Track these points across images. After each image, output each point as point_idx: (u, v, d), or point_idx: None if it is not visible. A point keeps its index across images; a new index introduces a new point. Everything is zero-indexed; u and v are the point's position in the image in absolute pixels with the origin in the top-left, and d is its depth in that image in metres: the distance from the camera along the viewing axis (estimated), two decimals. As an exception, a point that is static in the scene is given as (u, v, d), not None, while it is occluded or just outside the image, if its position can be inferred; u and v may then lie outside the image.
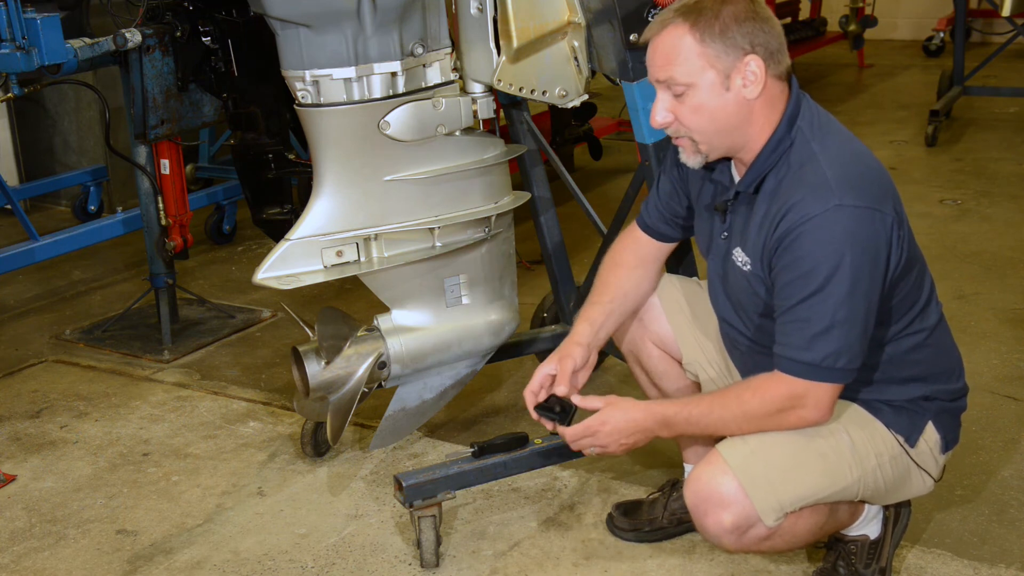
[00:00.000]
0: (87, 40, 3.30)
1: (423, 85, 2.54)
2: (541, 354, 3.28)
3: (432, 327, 2.69)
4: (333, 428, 2.62)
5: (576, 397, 2.16)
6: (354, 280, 2.61)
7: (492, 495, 2.71)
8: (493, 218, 2.67)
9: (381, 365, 2.64)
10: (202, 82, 3.45)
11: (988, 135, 6.09)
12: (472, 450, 2.46)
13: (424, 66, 2.55)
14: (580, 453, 2.20)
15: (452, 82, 2.60)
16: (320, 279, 2.54)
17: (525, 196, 2.80)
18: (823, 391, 1.95)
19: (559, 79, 2.63)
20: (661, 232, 2.35)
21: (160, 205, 3.62)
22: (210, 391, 3.38)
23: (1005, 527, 2.50)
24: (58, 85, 4.14)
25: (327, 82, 2.44)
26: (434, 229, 2.59)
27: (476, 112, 2.61)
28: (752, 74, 1.94)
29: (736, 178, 2.10)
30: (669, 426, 2.06)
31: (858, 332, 1.92)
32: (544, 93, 2.63)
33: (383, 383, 2.70)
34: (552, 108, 4.32)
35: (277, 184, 3.37)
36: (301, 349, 2.61)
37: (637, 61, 2.54)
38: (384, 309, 2.68)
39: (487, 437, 2.58)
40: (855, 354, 1.93)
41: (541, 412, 2.19)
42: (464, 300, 2.72)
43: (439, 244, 2.61)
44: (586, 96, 2.68)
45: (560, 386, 2.18)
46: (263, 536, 2.60)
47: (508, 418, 3.12)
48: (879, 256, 1.92)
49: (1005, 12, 5.49)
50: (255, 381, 3.45)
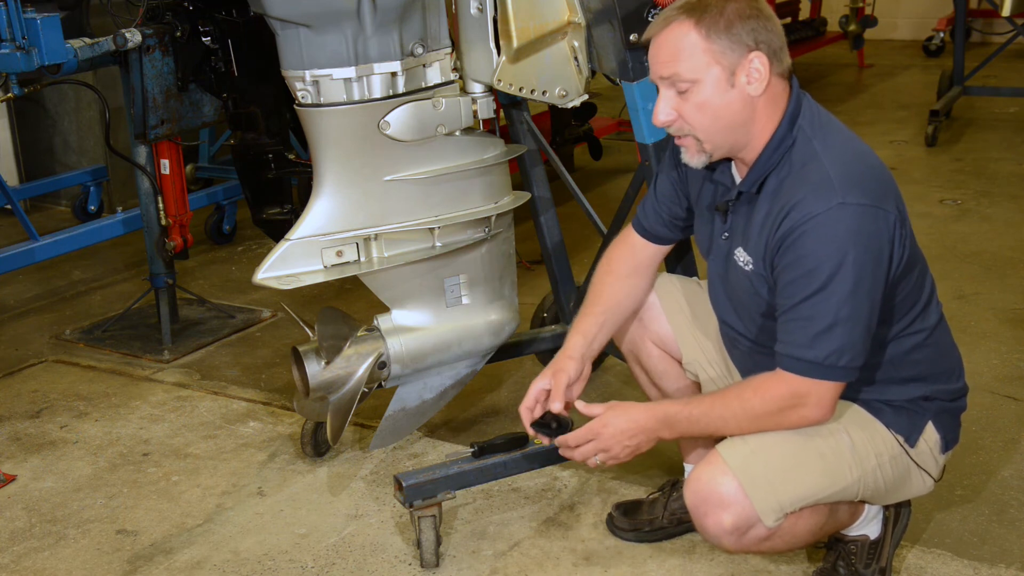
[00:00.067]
0: (87, 40, 3.30)
1: (423, 85, 2.54)
2: (541, 354, 3.28)
3: (432, 327, 2.69)
4: (333, 428, 2.62)
5: (579, 403, 2.14)
6: (354, 280, 2.61)
7: (492, 495, 2.71)
8: (493, 218, 2.67)
9: (381, 365, 2.64)
10: (202, 82, 3.45)
11: (988, 135, 6.09)
12: (472, 450, 2.46)
13: (424, 66, 2.54)
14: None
15: (452, 82, 2.59)
16: (320, 279, 2.54)
17: (525, 196, 2.79)
18: (825, 389, 1.95)
19: (559, 79, 2.63)
20: (658, 235, 2.34)
21: (160, 205, 3.62)
22: (210, 391, 3.38)
23: (1005, 527, 2.50)
24: (58, 85, 4.14)
25: (327, 82, 2.44)
26: (434, 229, 2.59)
27: (476, 112, 2.61)
28: (756, 71, 1.94)
29: (737, 179, 2.10)
30: (671, 426, 2.05)
31: (861, 330, 1.92)
32: (544, 93, 2.63)
33: (383, 383, 2.70)
34: (552, 108, 4.32)
35: (277, 184, 3.37)
36: (301, 349, 2.61)
37: (637, 61, 2.54)
38: (384, 309, 2.68)
39: (487, 437, 2.58)
40: (858, 352, 1.93)
41: (537, 429, 2.19)
42: (464, 300, 2.72)
43: (439, 244, 2.61)
44: (586, 96, 2.68)
45: (555, 402, 2.17)
46: (263, 536, 2.60)
47: (508, 418, 3.12)
48: (882, 254, 1.92)
49: (1005, 12, 5.49)
50: (255, 381, 3.45)
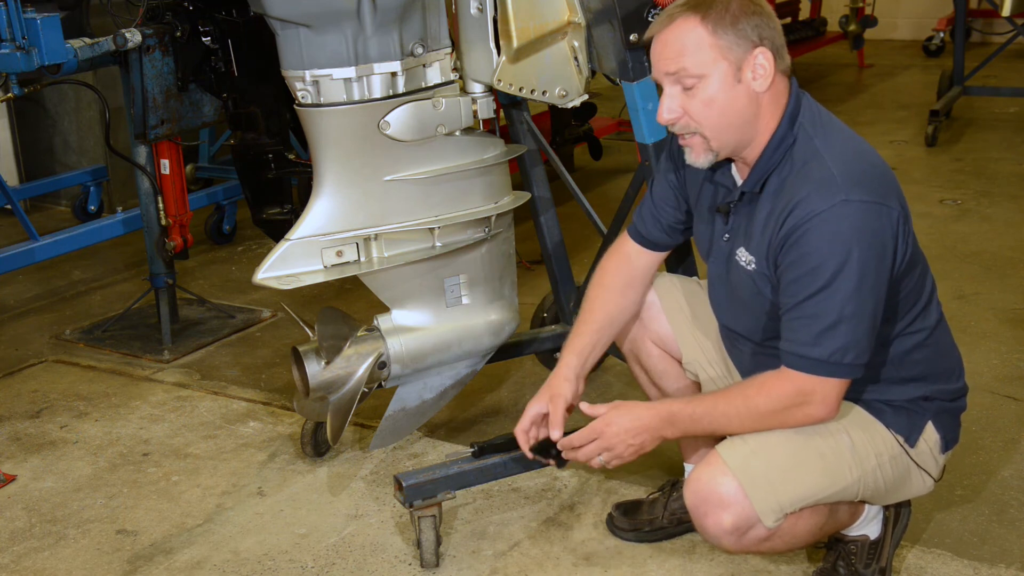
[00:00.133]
0: (87, 40, 3.30)
1: (423, 85, 2.54)
2: (541, 354, 3.28)
3: (432, 327, 2.69)
4: (333, 428, 2.62)
5: (583, 404, 2.13)
6: (354, 280, 2.61)
7: (492, 495, 2.71)
8: (493, 218, 2.67)
9: (381, 365, 2.64)
10: (202, 82, 3.45)
11: (988, 135, 6.09)
12: (472, 450, 2.46)
13: (424, 66, 2.54)
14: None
15: (452, 82, 2.59)
16: (320, 279, 2.54)
17: (525, 196, 2.79)
18: (831, 387, 1.95)
19: (559, 79, 2.63)
20: (656, 241, 2.33)
21: (160, 205, 3.62)
22: (210, 391, 3.38)
23: (1005, 527, 2.50)
24: (58, 85, 4.14)
25: (327, 82, 2.44)
26: (434, 229, 2.59)
27: (476, 112, 2.61)
28: (761, 67, 1.94)
29: (738, 179, 2.10)
30: (674, 424, 2.05)
31: (865, 327, 1.92)
32: (544, 93, 2.63)
33: (383, 383, 2.70)
34: (552, 108, 4.32)
35: (277, 184, 3.37)
36: (301, 349, 2.61)
37: (637, 61, 2.54)
38: (384, 309, 2.68)
39: (487, 437, 2.58)
40: (863, 349, 1.93)
41: (536, 452, 2.21)
42: (464, 300, 2.72)
43: (439, 244, 2.61)
44: (586, 96, 2.68)
45: (555, 430, 2.16)
46: (263, 536, 2.60)
47: (508, 418, 3.12)
48: (886, 251, 1.92)
49: (1005, 12, 5.49)
50: (255, 381, 3.45)
